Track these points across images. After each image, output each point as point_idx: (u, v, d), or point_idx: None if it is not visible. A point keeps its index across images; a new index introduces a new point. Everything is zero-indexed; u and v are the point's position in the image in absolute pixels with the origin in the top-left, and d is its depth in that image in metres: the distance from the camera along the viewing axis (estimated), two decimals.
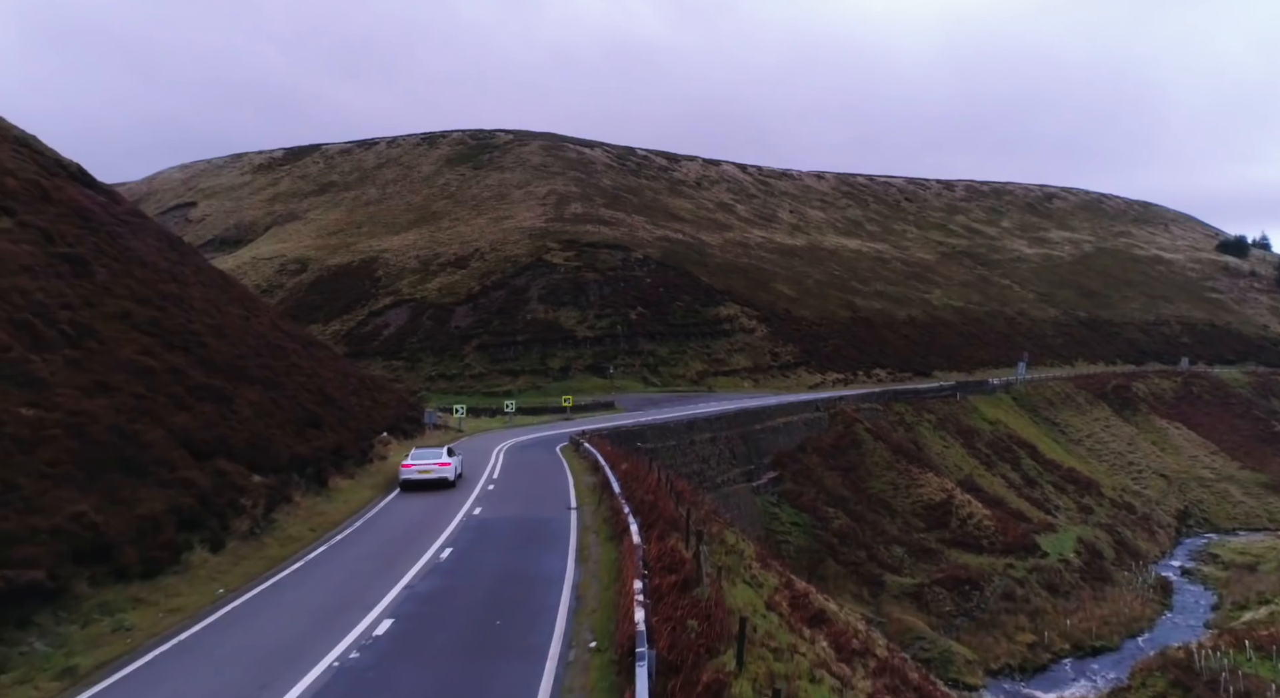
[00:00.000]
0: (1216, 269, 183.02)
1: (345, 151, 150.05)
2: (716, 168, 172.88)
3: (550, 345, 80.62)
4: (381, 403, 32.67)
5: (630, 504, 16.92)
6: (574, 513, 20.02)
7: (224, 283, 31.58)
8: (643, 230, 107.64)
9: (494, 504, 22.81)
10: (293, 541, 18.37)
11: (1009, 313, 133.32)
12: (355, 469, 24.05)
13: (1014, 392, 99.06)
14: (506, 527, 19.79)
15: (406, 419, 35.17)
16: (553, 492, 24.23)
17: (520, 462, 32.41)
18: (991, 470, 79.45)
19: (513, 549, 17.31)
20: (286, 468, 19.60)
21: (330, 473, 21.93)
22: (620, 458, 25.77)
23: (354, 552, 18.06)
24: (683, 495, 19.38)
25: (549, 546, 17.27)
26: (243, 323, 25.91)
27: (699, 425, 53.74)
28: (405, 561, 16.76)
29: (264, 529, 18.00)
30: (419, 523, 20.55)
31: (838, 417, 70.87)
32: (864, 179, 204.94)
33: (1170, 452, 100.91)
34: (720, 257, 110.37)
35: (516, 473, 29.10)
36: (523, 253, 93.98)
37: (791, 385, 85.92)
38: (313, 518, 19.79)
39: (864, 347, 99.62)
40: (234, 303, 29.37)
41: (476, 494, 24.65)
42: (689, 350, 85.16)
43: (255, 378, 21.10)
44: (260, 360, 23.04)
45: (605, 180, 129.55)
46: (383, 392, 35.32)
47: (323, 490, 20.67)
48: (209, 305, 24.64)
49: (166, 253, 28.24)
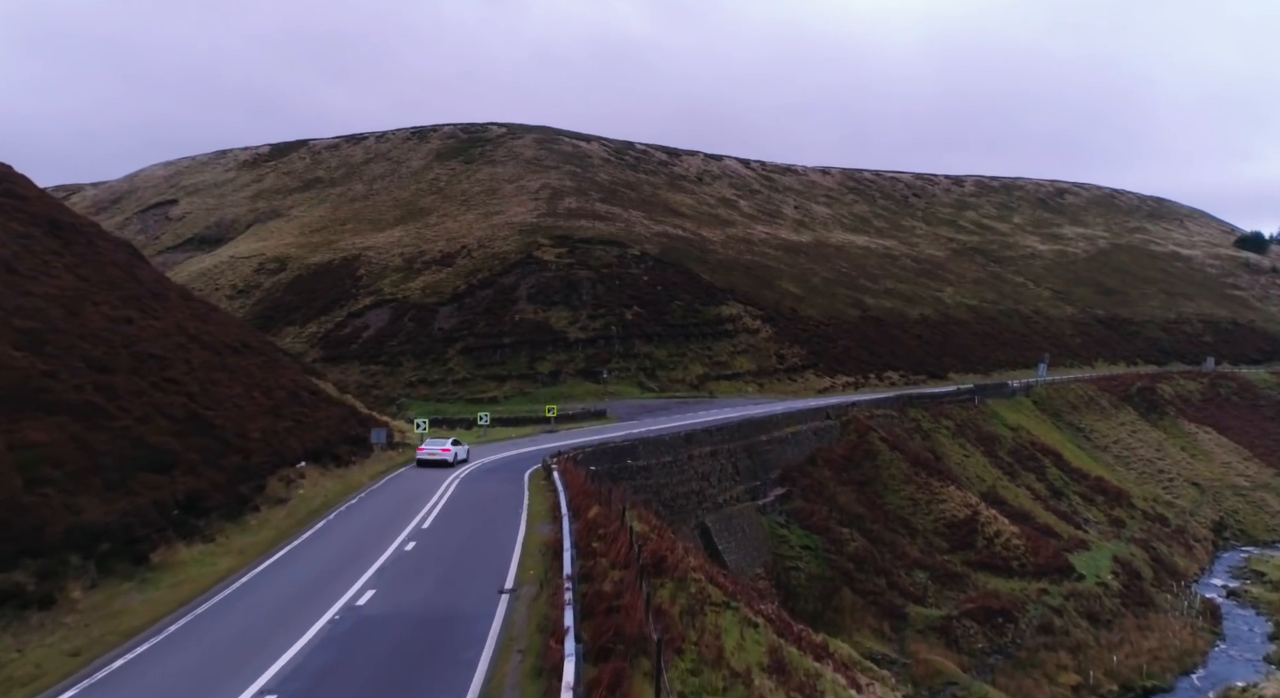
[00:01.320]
0: (1236, 265, 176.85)
1: (333, 147, 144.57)
2: (718, 163, 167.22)
3: (539, 348, 75.03)
4: (309, 423, 27.01)
5: (584, 593, 11.43)
6: (505, 599, 14.01)
7: (125, 276, 26.22)
8: (640, 226, 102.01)
9: (400, 580, 16.40)
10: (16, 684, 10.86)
11: (1025, 311, 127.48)
12: (225, 524, 17.82)
13: (1035, 395, 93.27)
14: (392, 636, 12.87)
15: (347, 440, 29.42)
16: (490, 556, 18.10)
17: (471, 498, 26.33)
18: (1015, 481, 73.72)
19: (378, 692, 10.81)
20: (61, 547, 12.87)
21: (165, 541, 15.09)
22: (589, 498, 20.18)
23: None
24: (665, 564, 13.95)
25: (438, 683, 10.85)
26: (111, 327, 20.33)
27: (698, 438, 48.12)
28: None
29: None
30: (252, 634, 13.16)
31: (850, 425, 65.18)
32: (870, 174, 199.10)
33: (1201, 458, 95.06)
34: (722, 253, 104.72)
35: (457, 518, 22.87)
36: (512, 250, 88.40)
37: (799, 390, 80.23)
38: (85, 630, 12.26)
39: (875, 348, 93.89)
40: (128, 302, 24.02)
41: (385, 558, 18.11)
42: (689, 353, 79.51)
43: (59, 405, 15.37)
44: (89, 378, 17.14)
45: (602, 175, 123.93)
46: (318, 408, 29.78)
47: (139, 571, 14.11)
48: (47, 302, 18.92)
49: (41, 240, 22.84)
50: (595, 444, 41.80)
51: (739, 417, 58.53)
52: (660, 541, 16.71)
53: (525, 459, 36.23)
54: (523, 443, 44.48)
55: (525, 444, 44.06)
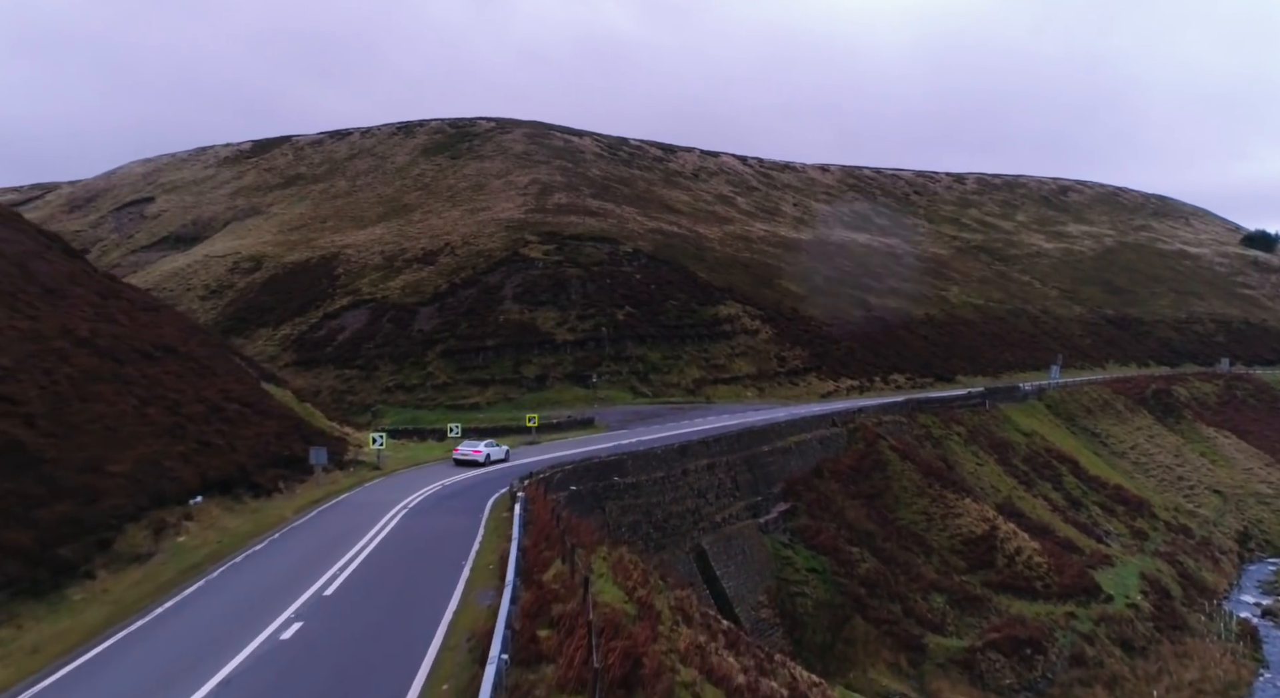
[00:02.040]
0: (1245, 264, 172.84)
1: (316, 143, 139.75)
2: (715, 159, 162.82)
3: (525, 350, 70.45)
4: (223, 445, 22.37)
5: None
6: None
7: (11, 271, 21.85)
8: (634, 222, 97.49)
9: None
10: None
11: (1032, 311, 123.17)
12: (21, 609, 13.00)
13: (1048, 398, 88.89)
14: None
15: (278, 463, 24.58)
16: (396, 655, 12.66)
17: (408, 541, 21.13)
18: (1031, 491, 69.33)
19: None
20: None
21: None
22: (552, 546, 15.63)
23: None
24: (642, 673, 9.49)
25: None
26: None
27: (693, 450, 43.60)
28: None
29: None
30: None
31: (857, 433, 60.68)
32: (870, 172, 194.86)
33: (1221, 464, 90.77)
34: (720, 251, 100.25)
35: (378, 578, 17.49)
36: (497, 247, 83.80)
37: (801, 394, 75.73)
38: None
39: (880, 349, 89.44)
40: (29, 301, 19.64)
41: (237, 665, 12.57)
42: (684, 355, 74.97)
43: None
44: None
45: (594, 170, 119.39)
46: (246, 424, 25.17)
47: None
48: None
49: None
50: (579, 459, 37.30)
51: (738, 425, 54.02)
52: (640, 627, 12.19)
53: (495, 479, 31.59)
54: None
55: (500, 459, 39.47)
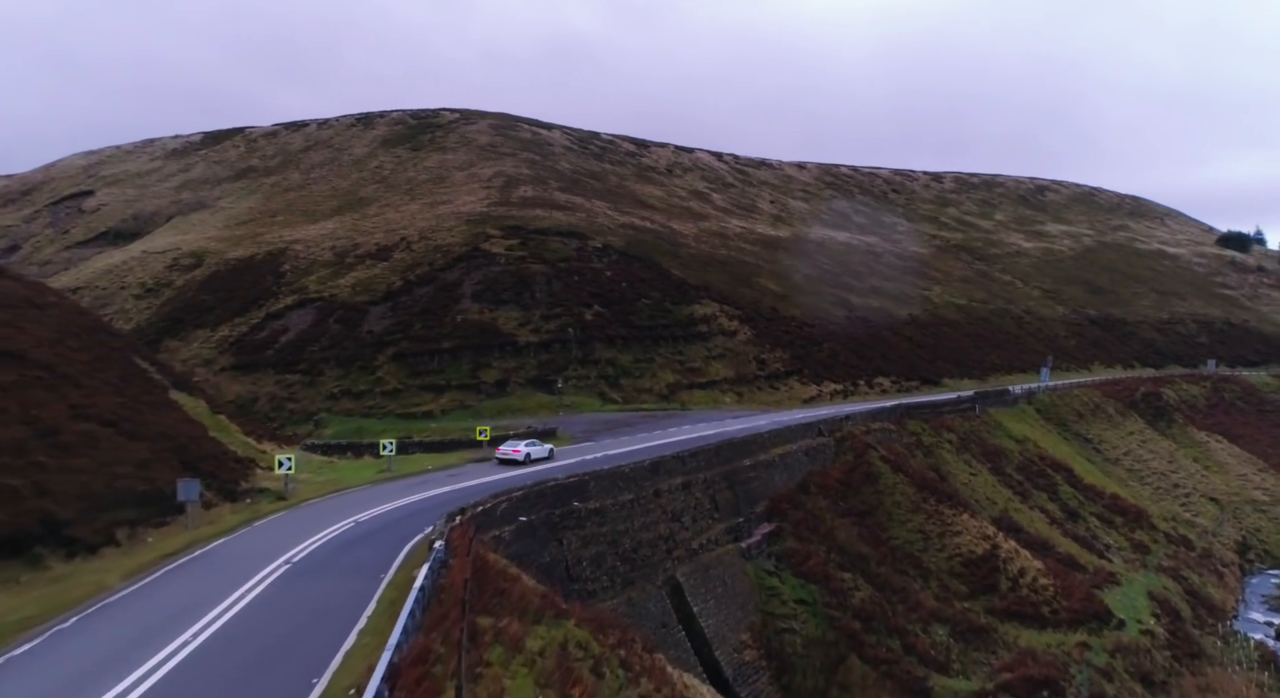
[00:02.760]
0: (1223, 264, 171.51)
1: (270, 135, 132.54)
2: (689, 155, 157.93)
3: (484, 353, 64.78)
4: (22, 490, 16.73)
5: None
6: None
7: None
8: (604, 216, 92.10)
9: None
10: None
11: (1016, 311, 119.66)
12: None
13: (1038, 402, 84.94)
14: None
15: (130, 502, 18.68)
16: None
17: (267, 624, 14.96)
18: (1027, 502, 65.04)
19: None
20: None
21: None
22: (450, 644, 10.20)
23: None
24: None
25: None
26: None
27: (667, 467, 38.34)
28: None
29: None
30: None
31: (846, 442, 55.83)
32: (847, 169, 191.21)
33: (1216, 470, 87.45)
34: (695, 247, 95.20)
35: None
36: (457, 241, 77.97)
37: (782, 400, 70.82)
38: None
39: (864, 351, 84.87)
40: None
41: None
42: (658, 358, 69.72)
43: None
44: None
45: (563, 163, 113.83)
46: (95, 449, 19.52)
47: None
48: None
49: None
50: (534, 481, 31.85)
51: (716, 436, 48.85)
52: None
53: (424, 513, 25.86)
54: (437, 480, 34.17)
55: (440, 482, 33.78)
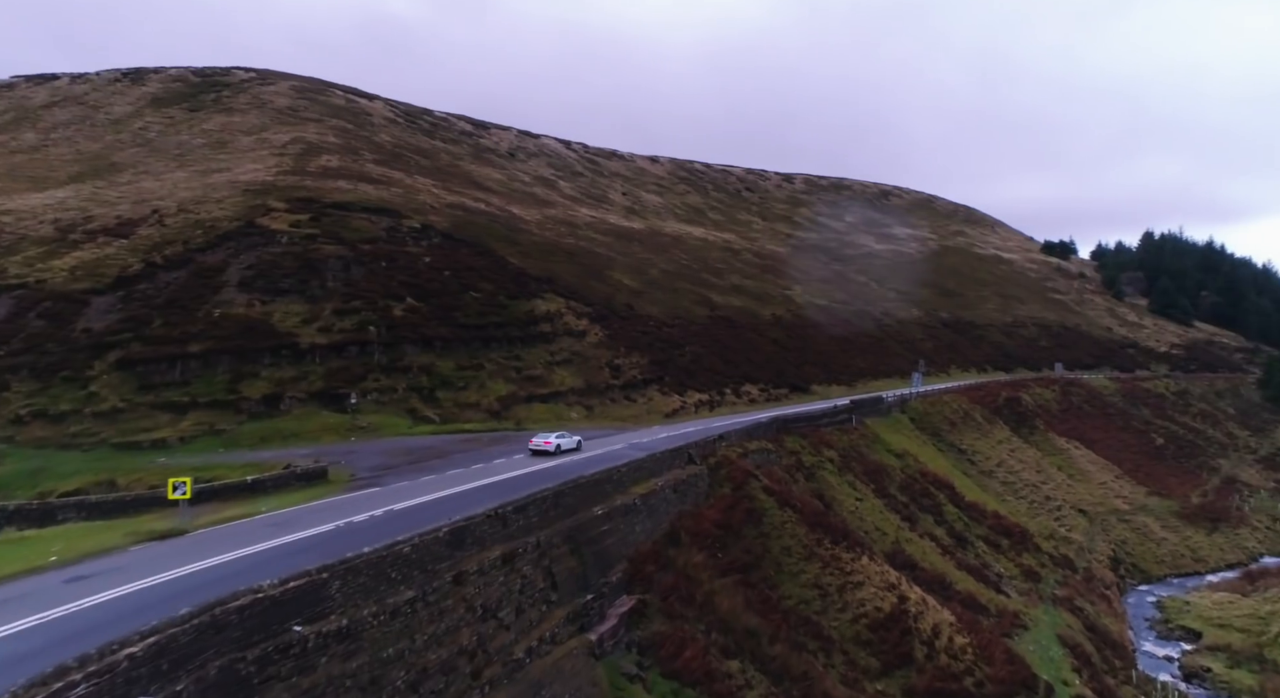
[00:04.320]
0: (1051, 270, 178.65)
1: (6, 87, 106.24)
2: (535, 140, 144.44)
3: (251, 359, 48.63)
4: None
5: None
6: None
7: None
8: (428, 194, 77.05)
9: None
10: None
11: (875, 313, 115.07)
12: None
13: (911, 411, 78.38)
14: None
15: None
16: None
17: None
18: (916, 529, 56.86)
19: None
20: None
21: None
22: None
23: None
24: None
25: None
26: None
27: (477, 534, 25.15)
28: None
29: None
30: None
31: (722, 471, 44.66)
32: (701, 165, 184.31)
33: (1079, 479, 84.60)
34: (539, 234, 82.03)
35: None
36: (226, 215, 60.65)
37: (640, 414, 59.09)
38: None
39: (729, 355, 74.93)
40: None
41: None
42: (489, 364, 56.06)
43: None
44: None
45: (383, 136, 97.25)
46: None
47: None
48: None
49: None
50: (206, 599, 17.41)
51: (558, 471, 36.05)
52: None
53: None
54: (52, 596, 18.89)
55: (58, 598, 18.56)
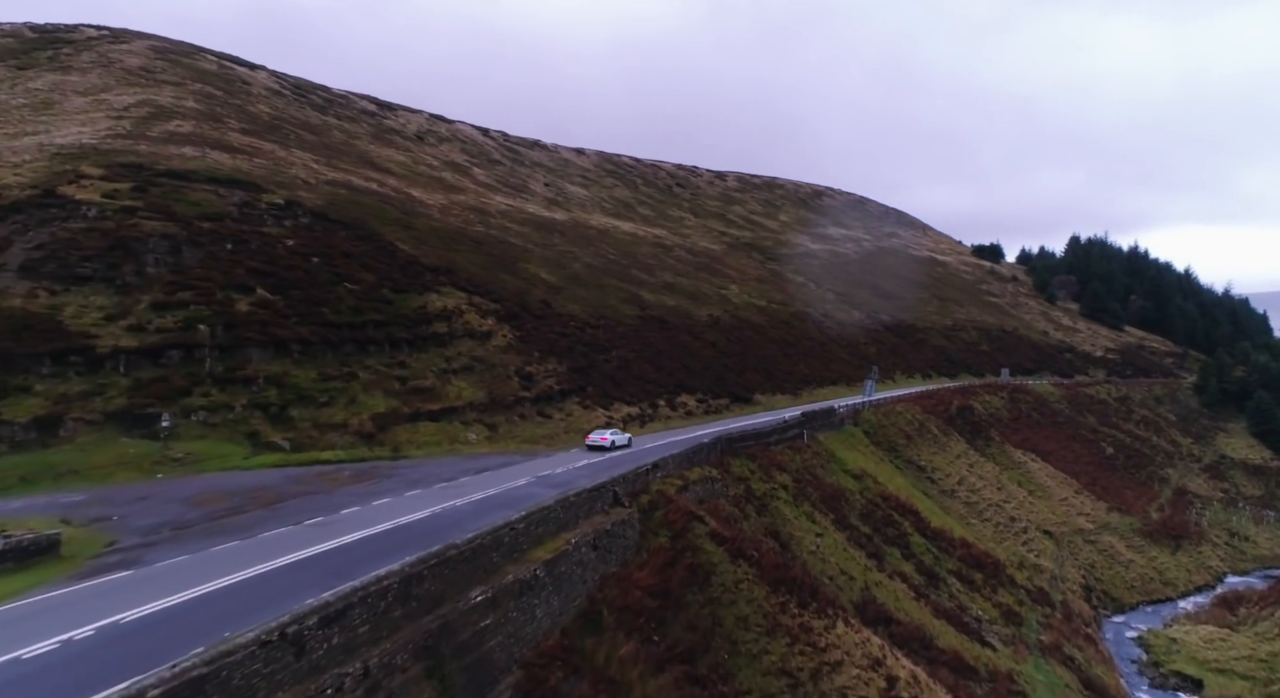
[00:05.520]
0: (985, 273, 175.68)
1: None
2: (448, 125, 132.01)
3: (23, 368, 36.00)
4: None
5: None
6: None
7: None
8: (302, 168, 64.67)
9: None
10: None
11: (815, 315, 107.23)
12: None
13: (865, 423, 70.00)
14: None
15: None
16: None
17: None
18: (883, 568, 47.98)
19: None
20: None
21: None
22: None
23: None
24: None
25: None
26: None
27: (234, 683, 14.11)
28: None
29: None
30: None
31: (656, 513, 34.44)
32: (629, 160, 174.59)
33: (1040, 495, 77.84)
34: (441, 221, 70.50)
35: None
36: (20, 182, 47.29)
37: (557, 433, 48.48)
38: None
39: (662, 361, 65.00)
40: None
41: None
42: (364, 373, 44.52)
43: None
44: None
45: (262, 106, 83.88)
46: None
47: None
48: None
49: None
50: None
51: (427, 527, 25.13)
52: None
53: None
54: None
55: None
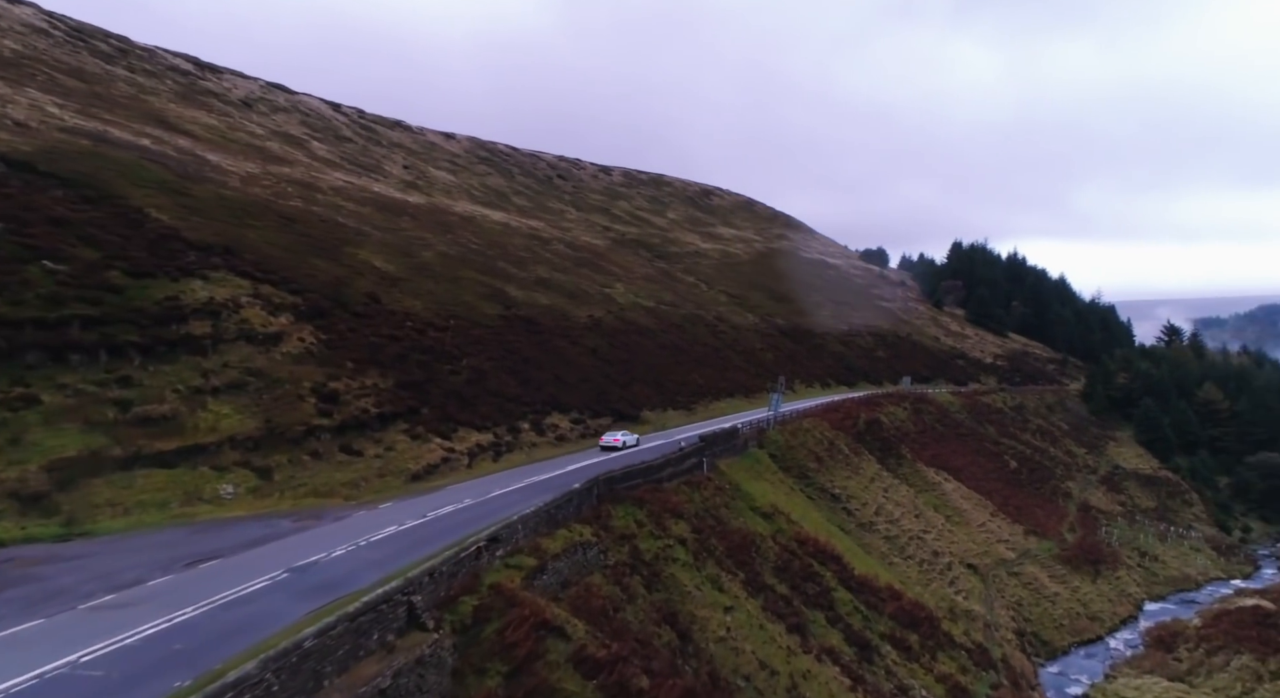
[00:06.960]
0: (875, 277, 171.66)
1: None
2: (290, 96, 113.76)
3: None
4: None
5: None
6: None
7: None
8: (21, 107, 47.45)
9: None
10: None
11: (708, 318, 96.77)
12: None
13: (770, 445, 59.17)
14: None
15: None
16: None
17: None
18: (808, 644, 36.72)
19: None
20: None
21: None
22: None
23: None
24: None
25: None
26: None
27: None
28: None
29: None
30: None
31: (487, 628, 21.23)
32: (505, 148, 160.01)
33: (958, 522, 69.61)
34: (240, 190, 54.58)
35: None
36: None
37: (367, 478, 34.54)
38: None
39: (529, 372, 51.75)
40: None
41: None
42: (52, 395, 29.14)
43: None
44: None
45: (6, 42, 64.90)
46: None
47: None
48: None
49: None
50: None
51: None
52: None
53: None
54: None
55: None
